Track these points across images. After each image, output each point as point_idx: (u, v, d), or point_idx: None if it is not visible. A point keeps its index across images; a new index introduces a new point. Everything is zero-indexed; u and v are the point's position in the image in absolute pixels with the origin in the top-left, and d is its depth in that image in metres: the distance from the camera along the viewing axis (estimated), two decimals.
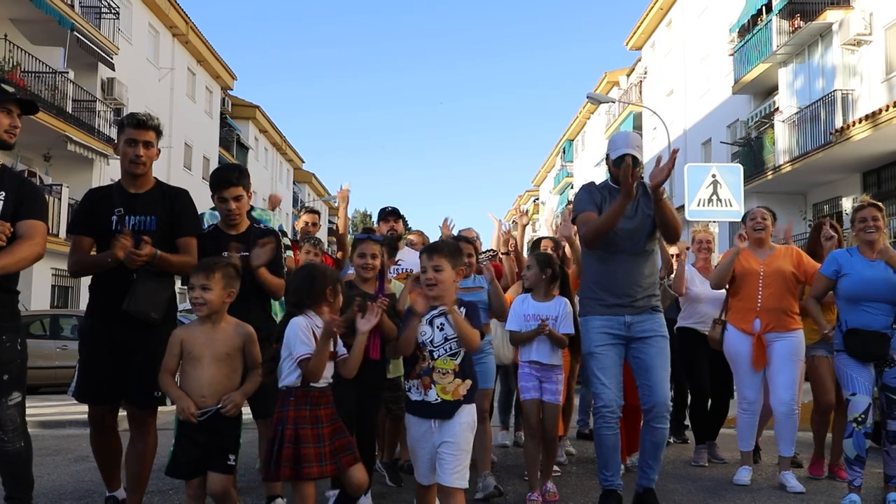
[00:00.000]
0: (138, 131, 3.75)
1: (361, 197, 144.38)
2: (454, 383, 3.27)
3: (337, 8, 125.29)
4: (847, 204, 18.04)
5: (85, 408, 3.85)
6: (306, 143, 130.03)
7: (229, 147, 33.68)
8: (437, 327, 3.34)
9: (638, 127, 31.86)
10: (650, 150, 29.77)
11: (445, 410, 3.23)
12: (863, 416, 4.37)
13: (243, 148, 35.98)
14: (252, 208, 4.86)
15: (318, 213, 6.78)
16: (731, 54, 21.79)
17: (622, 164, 3.97)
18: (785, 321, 4.97)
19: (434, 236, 6.71)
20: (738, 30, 21.87)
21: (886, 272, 4.45)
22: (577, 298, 4.75)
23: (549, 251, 5.29)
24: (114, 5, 21.07)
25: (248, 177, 4.15)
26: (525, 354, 4.63)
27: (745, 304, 5.07)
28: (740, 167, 10.09)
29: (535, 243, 5.78)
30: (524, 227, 6.20)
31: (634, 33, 32.03)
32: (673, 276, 5.85)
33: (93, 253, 3.80)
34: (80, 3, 19.29)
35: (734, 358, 5.14)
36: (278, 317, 4.48)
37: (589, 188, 4.41)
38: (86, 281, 4.03)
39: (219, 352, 3.34)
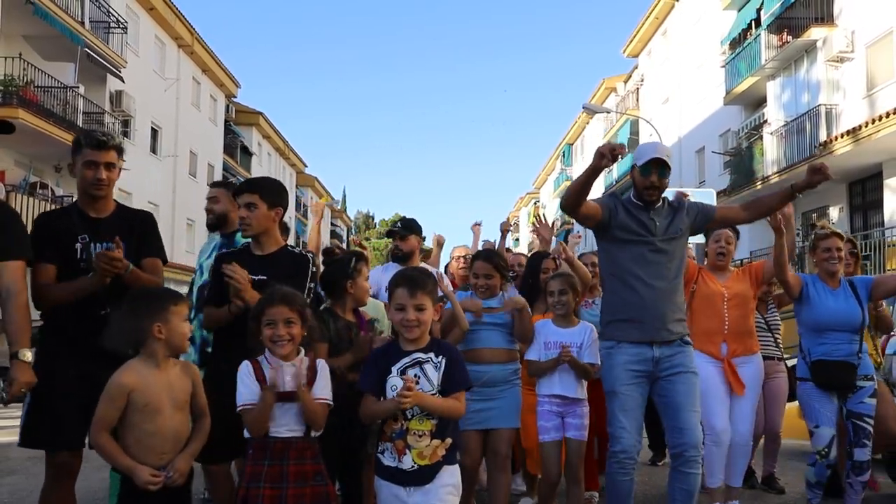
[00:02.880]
0: (98, 152, 3.37)
1: (363, 198, 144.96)
2: (432, 446, 2.82)
3: (337, 10, 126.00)
4: (834, 213, 18.62)
5: None
6: (308, 145, 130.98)
7: (233, 153, 34.32)
8: (404, 379, 2.82)
9: (635, 133, 32.39)
10: None
11: (423, 476, 2.81)
12: (826, 449, 4.35)
13: (247, 154, 36.62)
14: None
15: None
16: (723, 66, 22.36)
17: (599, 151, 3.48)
18: (749, 343, 4.83)
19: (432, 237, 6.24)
20: (729, 42, 22.44)
21: (847, 301, 4.47)
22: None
23: (551, 270, 4.89)
24: (122, 20, 21.70)
25: (275, 189, 3.64)
26: (546, 388, 4.18)
27: (710, 327, 4.76)
28: (713, 191, 10.69)
29: (535, 258, 5.21)
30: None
31: (631, 41, 32.56)
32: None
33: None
34: (89, 18, 19.92)
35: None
36: None
37: (610, 194, 4.16)
38: None
39: (179, 398, 2.84)
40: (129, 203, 4.03)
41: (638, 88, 33.48)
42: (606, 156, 3.41)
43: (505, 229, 6.19)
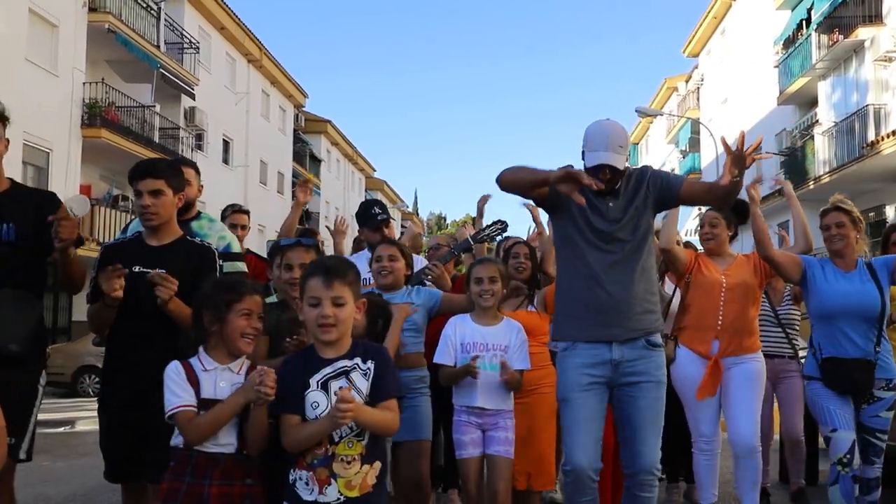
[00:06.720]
0: None
1: (435, 199, 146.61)
2: (361, 473, 2.33)
3: (400, 5, 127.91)
4: (890, 212, 18.50)
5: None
6: (378, 147, 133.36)
7: (302, 161, 35.80)
8: (335, 394, 2.28)
9: (696, 132, 32.34)
10: (707, 155, 30.37)
11: None
12: (847, 456, 3.69)
13: (316, 161, 38.09)
14: (199, 215, 4.00)
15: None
16: (776, 66, 22.35)
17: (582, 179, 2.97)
18: (746, 342, 4.22)
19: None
20: (782, 42, 22.41)
21: (863, 284, 3.86)
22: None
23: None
24: (194, 40, 23.21)
25: (178, 172, 3.23)
26: (464, 398, 3.54)
27: (702, 322, 4.26)
28: None
29: (508, 249, 4.52)
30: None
31: (690, 41, 32.54)
32: None
33: None
34: (164, 41, 21.46)
35: (686, 385, 4.25)
36: None
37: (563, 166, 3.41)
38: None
39: None
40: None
41: (698, 88, 33.39)
42: (576, 182, 2.95)
43: (481, 207, 5.37)
